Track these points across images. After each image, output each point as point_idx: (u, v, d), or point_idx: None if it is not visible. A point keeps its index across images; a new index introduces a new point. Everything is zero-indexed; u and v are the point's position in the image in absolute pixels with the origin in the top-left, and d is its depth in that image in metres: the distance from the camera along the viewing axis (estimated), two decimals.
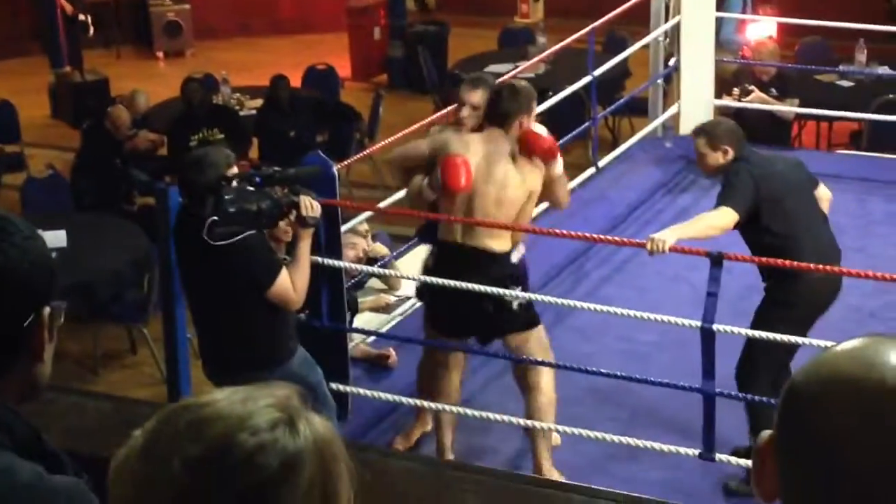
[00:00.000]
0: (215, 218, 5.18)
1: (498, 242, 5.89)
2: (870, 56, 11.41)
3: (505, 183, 5.80)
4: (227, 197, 5.17)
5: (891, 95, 10.52)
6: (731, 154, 6.18)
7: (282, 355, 5.56)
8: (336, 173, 6.15)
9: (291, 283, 5.39)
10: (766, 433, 1.40)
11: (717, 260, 5.43)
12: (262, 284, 5.35)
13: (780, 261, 5.73)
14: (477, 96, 6.08)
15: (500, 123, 5.84)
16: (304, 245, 5.49)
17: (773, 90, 9.76)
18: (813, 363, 1.40)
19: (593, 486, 2.18)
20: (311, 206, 5.39)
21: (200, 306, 5.65)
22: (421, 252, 8.46)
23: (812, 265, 5.68)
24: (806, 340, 5.37)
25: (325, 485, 1.37)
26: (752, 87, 9.73)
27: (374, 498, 1.87)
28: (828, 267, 5.68)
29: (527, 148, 5.93)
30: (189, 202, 5.39)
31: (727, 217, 5.89)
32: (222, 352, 5.54)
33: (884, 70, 11.27)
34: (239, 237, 5.22)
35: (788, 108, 9.77)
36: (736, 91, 9.77)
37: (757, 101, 9.70)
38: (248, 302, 5.40)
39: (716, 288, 5.46)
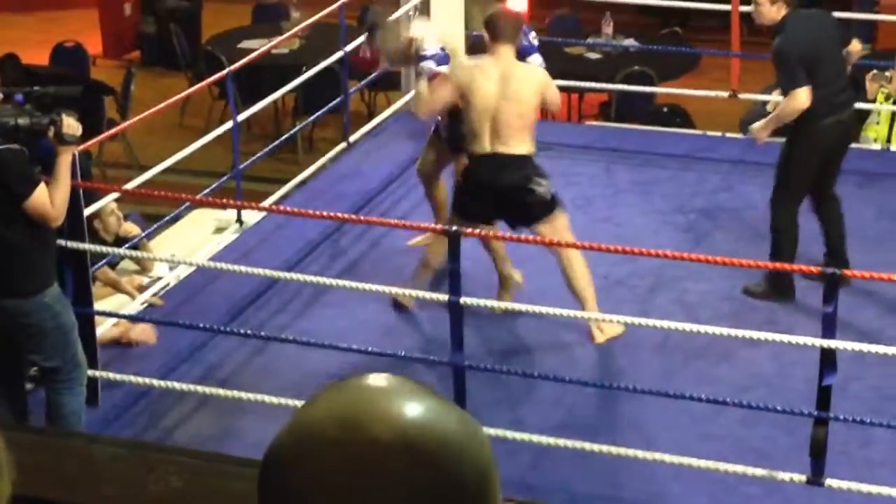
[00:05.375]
0: None
1: (525, 147, 6.80)
2: (616, 29, 11.71)
3: (520, 96, 6.74)
4: None
5: (636, 67, 10.82)
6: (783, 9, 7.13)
7: (38, 283, 5.70)
8: (76, 154, 6.01)
9: (50, 198, 5.58)
10: None
11: (454, 237, 5.53)
12: (19, 195, 5.55)
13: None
14: None
15: (509, 39, 6.83)
16: (63, 161, 5.69)
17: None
18: (291, 427, 1.22)
19: None
20: (70, 124, 5.66)
21: None
22: (178, 231, 8.39)
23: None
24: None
25: None
26: None
27: (78, 485, 1.84)
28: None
29: None
30: None
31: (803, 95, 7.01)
32: None
33: (629, 42, 11.58)
34: None
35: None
36: None
37: None
38: (6, 216, 5.57)
39: (456, 264, 5.56)
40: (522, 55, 7.10)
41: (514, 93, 6.74)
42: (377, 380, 1.24)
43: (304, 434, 1.20)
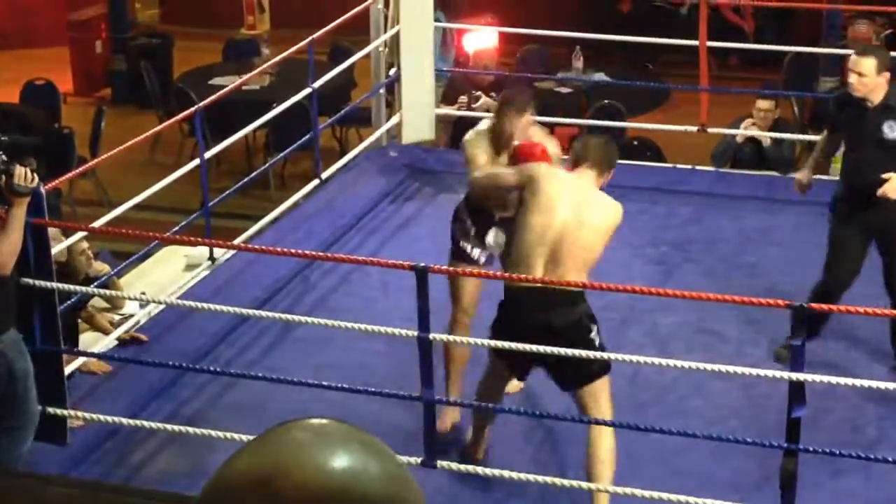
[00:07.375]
0: None
1: (581, 277, 5.68)
2: (586, 63, 11.76)
3: (595, 225, 5.68)
4: None
5: (606, 101, 10.86)
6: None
7: None
8: (43, 192, 5.98)
9: None
10: None
11: (422, 273, 5.52)
12: None
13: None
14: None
15: (594, 166, 5.78)
16: (15, 212, 5.64)
17: (494, 95, 9.97)
18: (211, 485, 1.23)
19: None
20: (24, 175, 5.59)
21: None
22: (148, 268, 8.35)
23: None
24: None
25: None
26: (478, 94, 9.91)
27: None
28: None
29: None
30: None
31: None
32: None
33: (600, 76, 11.63)
34: None
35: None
36: (464, 99, 9.93)
37: (485, 106, 9.90)
38: None
39: (425, 301, 5.55)
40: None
41: (589, 220, 5.65)
42: (301, 432, 1.20)
43: (221, 494, 1.20)
